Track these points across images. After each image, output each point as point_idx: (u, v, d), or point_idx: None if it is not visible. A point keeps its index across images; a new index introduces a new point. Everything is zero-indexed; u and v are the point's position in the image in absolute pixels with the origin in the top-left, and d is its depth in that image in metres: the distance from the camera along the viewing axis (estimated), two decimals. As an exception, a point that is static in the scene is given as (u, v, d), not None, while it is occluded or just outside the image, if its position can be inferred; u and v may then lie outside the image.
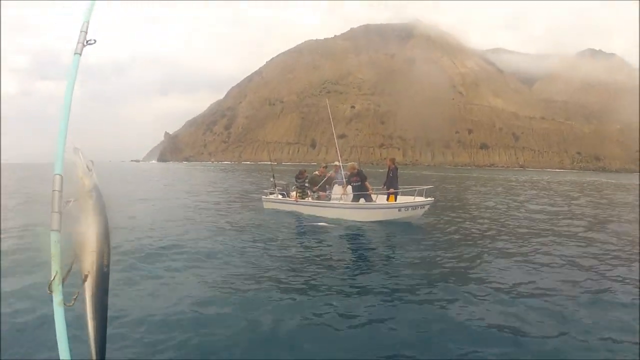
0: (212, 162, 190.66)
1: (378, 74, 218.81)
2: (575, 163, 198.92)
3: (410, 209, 10.01)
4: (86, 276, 1.23)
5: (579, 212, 13.77)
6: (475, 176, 53.90)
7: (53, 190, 1.24)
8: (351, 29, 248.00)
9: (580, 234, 9.28)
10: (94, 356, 1.26)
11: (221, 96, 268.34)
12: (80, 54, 1.41)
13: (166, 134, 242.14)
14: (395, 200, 10.40)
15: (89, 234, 1.26)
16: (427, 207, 10.27)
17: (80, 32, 1.42)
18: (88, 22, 1.42)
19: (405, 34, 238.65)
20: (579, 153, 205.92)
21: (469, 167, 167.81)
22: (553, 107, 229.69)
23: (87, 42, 1.42)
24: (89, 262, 1.24)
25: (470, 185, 32.80)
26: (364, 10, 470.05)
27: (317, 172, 12.22)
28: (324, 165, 13.53)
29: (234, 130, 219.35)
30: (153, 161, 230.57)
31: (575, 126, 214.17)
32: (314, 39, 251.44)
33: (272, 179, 13.36)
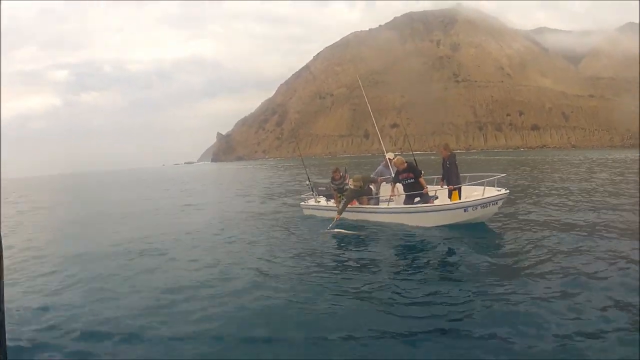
0: (267, 158, 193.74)
1: (425, 61, 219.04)
2: (625, 140, 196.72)
3: (479, 207, 7.87)
4: None
5: None
6: (549, 159, 46.93)
7: None
8: (395, 18, 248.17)
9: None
10: None
11: (270, 94, 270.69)
12: None
13: (218, 134, 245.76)
14: (460, 198, 8.21)
15: None
16: (500, 202, 8.10)
17: None
18: None
19: (448, 20, 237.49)
20: (628, 130, 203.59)
21: (522, 149, 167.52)
22: (600, 84, 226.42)
23: None
24: None
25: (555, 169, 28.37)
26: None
27: (351, 186, 9.33)
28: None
29: (287, 126, 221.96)
30: (207, 162, 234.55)
31: (623, 102, 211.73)
32: (359, 30, 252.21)
33: (307, 182, 11.18)
